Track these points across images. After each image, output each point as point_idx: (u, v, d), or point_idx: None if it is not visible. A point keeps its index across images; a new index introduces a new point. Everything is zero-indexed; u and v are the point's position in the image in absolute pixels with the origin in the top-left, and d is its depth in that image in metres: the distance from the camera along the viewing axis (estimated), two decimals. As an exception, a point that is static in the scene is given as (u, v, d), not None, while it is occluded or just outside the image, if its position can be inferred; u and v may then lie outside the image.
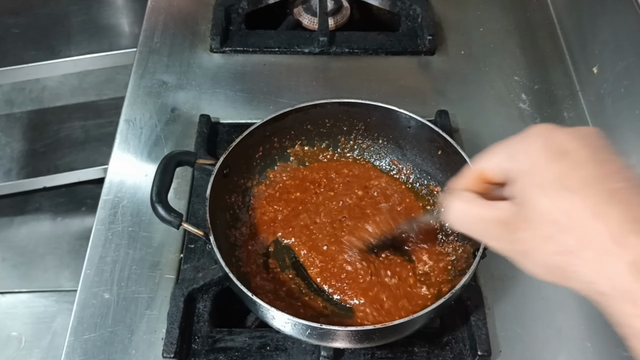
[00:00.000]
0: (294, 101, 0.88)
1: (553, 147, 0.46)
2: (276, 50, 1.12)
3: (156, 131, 1.00)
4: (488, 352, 0.75)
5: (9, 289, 1.75)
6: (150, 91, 1.06)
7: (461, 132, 1.01)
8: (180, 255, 0.86)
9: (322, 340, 0.70)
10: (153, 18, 1.19)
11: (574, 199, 0.44)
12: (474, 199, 0.51)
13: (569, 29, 1.17)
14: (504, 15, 1.23)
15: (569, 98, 1.09)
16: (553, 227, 0.44)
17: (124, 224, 0.89)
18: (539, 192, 0.45)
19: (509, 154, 0.50)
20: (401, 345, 0.77)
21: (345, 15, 1.21)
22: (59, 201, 1.92)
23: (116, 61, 1.55)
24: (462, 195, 0.52)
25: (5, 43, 1.53)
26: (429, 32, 1.12)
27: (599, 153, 0.46)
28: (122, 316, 0.80)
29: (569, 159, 0.45)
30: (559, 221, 0.44)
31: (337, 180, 0.90)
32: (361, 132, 0.91)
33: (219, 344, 0.77)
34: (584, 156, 0.45)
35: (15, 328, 1.67)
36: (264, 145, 0.88)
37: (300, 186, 0.89)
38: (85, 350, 0.77)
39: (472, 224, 0.52)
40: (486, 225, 0.50)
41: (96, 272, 0.84)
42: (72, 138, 1.88)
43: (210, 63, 1.11)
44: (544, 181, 0.45)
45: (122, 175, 0.95)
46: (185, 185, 0.93)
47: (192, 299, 0.80)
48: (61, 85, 2.02)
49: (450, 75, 1.11)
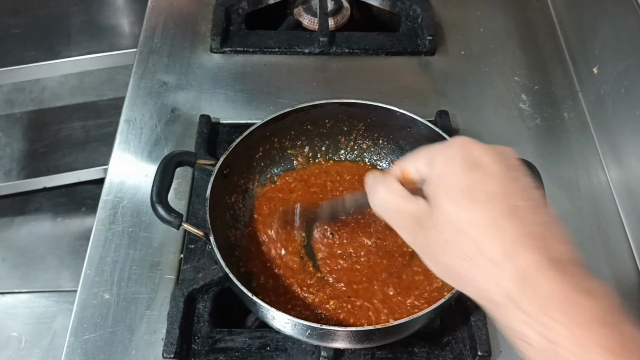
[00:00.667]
0: (294, 101, 0.88)
1: (468, 159, 0.49)
2: (276, 50, 1.12)
3: (156, 131, 1.00)
4: (488, 353, 0.75)
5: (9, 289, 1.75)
6: (150, 91, 1.06)
7: (461, 133, 1.01)
8: (181, 256, 0.86)
9: (322, 341, 0.70)
10: (153, 18, 1.19)
11: (477, 210, 0.46)
12: (397, 189, 0.54)
13: (569, 30, 1.17)
14: (504, 15, 1.23)
15: (569, 98, 1.09)
16: (454, 233, 0.47)
17: (124, 224, 0.89)
18: (447, 198, 0.48)
19: (428, 158, 0.52)
20: (401, 345, 0.77)
21: (346, 15, 1.21)
22: (59, 201, 1.92)
23: (116, 61, 1.55)
24: (389, 183, 0.55)
25: (6, 43, 1.53)
26: (429, 32, 1.12)
27: (509, 171, 0.48)
28: (122, 316, 0.80)
29: (480, 172, 0.48)
30: (460, 228, 0.47)
31: (337, 180, 0.90)
32: (361, 132, 0.91)
33: (219, 344, 0.77)
34: (495, 171, 0.48)
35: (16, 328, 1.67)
36: (264, 145, 0.88)
37: (300, 186, 0.89)
38: (86, 350, 0.77)
39: (390, 212, 0.55)
40: (401, 216, 0.53)
41: (96, 273, 0.84)
42: (72, 138, 1.88)
43: (210, 63, 1.11)
44: (454, 189, 0.48)
45: (122, 175, 0.95)
46: (185, 186, 0.93)
47: (192, 299, 0.80)
48: (61, 85, 2.02)
49: (451, 75, 1.11)
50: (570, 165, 0.99)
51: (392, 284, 0.78)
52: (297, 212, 0.83)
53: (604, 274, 0.87)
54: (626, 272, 0.88)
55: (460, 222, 0.47)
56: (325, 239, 0.82)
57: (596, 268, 0.88)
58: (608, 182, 0.97)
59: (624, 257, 0.89)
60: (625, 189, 0.94)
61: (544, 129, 1.04)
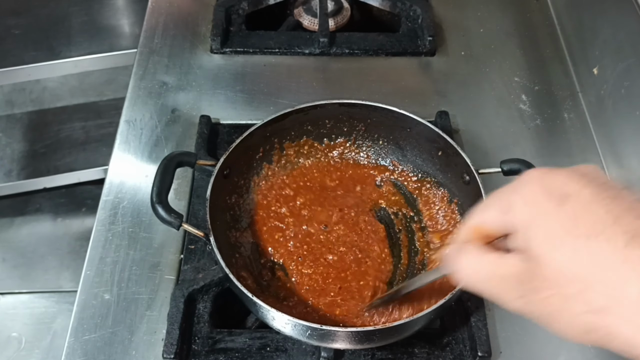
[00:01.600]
0: (294, 102, 0.88)
1: (552, 192, 0.42)
2: (276, 51, 1.12)
3: (156, 132, 1.00)
4: (488, 353, 0.75)
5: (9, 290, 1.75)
6: (150, 92, 1.06)
7: (461, 133, 1.01)
8: (181, 256, 0.86)
9: (322, 341, 0.70)
10: (153, 19, 1.19)
11: (591, 247, 0.38)
12: (482, 252, 0.46)
13: (570, 30, 1.17)
14: (504, 16, 1.23)
15: (569, 99, 1.09)
16: (575, 284, 0.39)
17: (124, 224, 0.89)
18: (547, 245, 0.40)
19: (504, 205, 0.45)
20: (401, 346, 0.77)
21: (346, 16, 1.21)
22: (59, 202, 1.92)
23: (116, 62, 1.55)
24: (469, 249, 0.46)
25: (6, 44, 1.53)
26: (429, 33, 1.12)
27: (604, 190, 0.41)
28: (122, 317, 0.80)
29: (574, 202, 0.41)
30: (580, 275, 0.39)
31: (338, 181, 0.91)
32: (361, 132, 0.91)
33: (219, 344, 0.77)
34: (590, 196, 0.40)
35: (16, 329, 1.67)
36: (265, 146, 0.88)
37: (301, 187, 0.89)
38: (86, 350, 0.77)
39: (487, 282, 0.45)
40: (501, 282, 0.44)
41: (96, 273, 0.84)
42: (72, 139, 1.88)
43: (210, 64, 1.11)
44: (550, 232, 0.40)
45: (122, 176, 0.95)
46: (185, 186, 0.93)
47: (193, 300, 0.80)
48: (61, 86, 2.02)
49: (451, 76, 1.11)
50: (570, 165, 0.98)
51: None
52: None
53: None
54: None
55: (578, 268, 0.39)
56: None
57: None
58: (608, 182, 0.97)
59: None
60: (626, 190, 0.94)
61: (544, 130, 1.04)
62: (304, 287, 0.79)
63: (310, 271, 0.81)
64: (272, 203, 0.87)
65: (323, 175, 0.91)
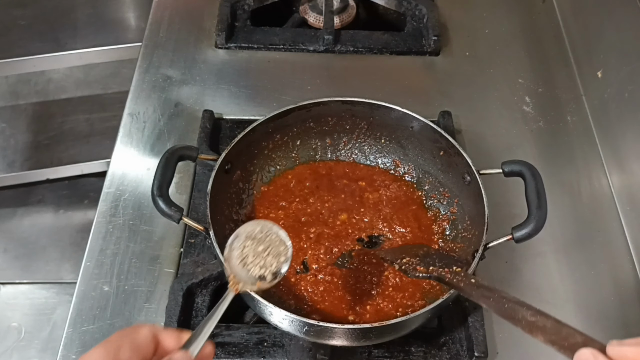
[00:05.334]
0: (298, 99, 0.88)
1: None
2: (281, 47, 1.13)
3: (159, 125, 1.01)
4: (485, 354, 0.75)
5: (10, 280, 1.75)
6: (154, 85, 1.06)
7: (464, 134, 1.01)
8: (180, 250, 0.86)
9: (319, 338, 0.70)
10: (159, 13, 1.19)
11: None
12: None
13: (575, 33, 1.17)
14: (509, 17, 1.23)
15: (573, 102, 1.08)
16: None
17: (125, 217, 0.89)
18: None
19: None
20: (398, 344, 0.77)
21: (351, 14, 1.21)
22: (61, 193, 1.93)
23: (121, 55, 1.56)
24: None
25: (12, 34, 1.53)
26: (434, 32, 1.12)
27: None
28: (121, 309, 0.80)
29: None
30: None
31: (339, 178, 0.91)
32: (364, 130, 0.91)
33: (216, 338, 0.77)
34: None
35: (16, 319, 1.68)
36: (267, 142, 0.88)
37: (301, 183, 0.89)
38: (84, 341, 0.78)
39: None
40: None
41: (96, 265, 0.84)
42: (76, 131, 1.89)
43: (215, 59, 1.11)
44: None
45: (124, 168, 0.95)
46: (187, 180, 0.93)
47: (191, 293, 0.80)
48: (66, 77, 2.02)
49: (455, 76, 1.11)
50: (572, 168, 0.99)
51: None
52: None
53: (604, 277, 0.88)
54: (626, 276, 0.88)
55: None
56: None
57: (596, 271, 0.88)
58: (609, 186, 0.97)
59: (623, 261, 0.89)
60: (627, 194, 0.94)
61: (547, 132, 1.04)
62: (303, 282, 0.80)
63: (309, 268, 0.81)
64: (272, 199, 0.87)
65: (325, 172, 0.91)
